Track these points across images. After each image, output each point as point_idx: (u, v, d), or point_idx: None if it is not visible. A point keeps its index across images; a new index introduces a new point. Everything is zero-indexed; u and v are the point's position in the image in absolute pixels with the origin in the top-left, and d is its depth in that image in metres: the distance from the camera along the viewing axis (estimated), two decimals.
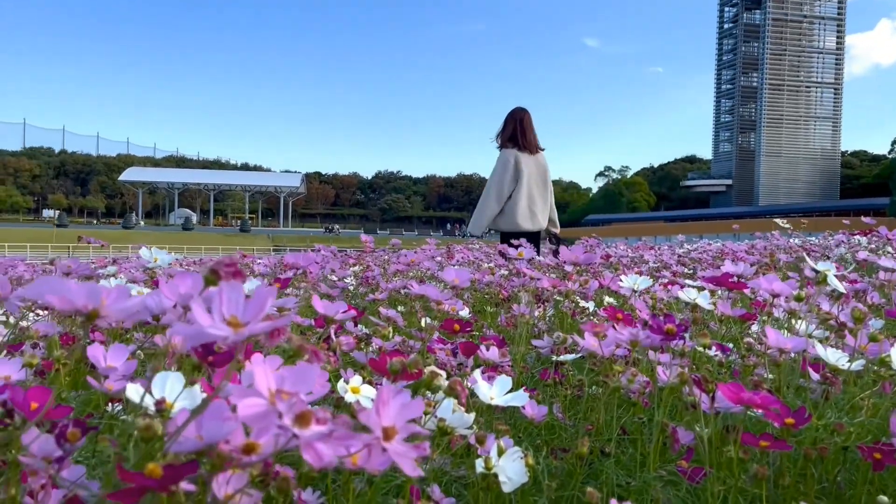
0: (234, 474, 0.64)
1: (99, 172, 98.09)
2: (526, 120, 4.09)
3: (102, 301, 0.51)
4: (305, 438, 0.49)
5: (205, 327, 0.50)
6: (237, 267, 0.57)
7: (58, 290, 0.49)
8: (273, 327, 0.53)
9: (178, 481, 0.50)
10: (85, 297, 0.50)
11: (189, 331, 0.51)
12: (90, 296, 0.50)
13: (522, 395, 0.89)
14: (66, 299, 0.49)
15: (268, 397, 0.53)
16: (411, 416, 0.57)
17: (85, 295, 0.49)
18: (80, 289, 0.49)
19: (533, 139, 4.05)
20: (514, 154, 3.95)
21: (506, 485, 0.80)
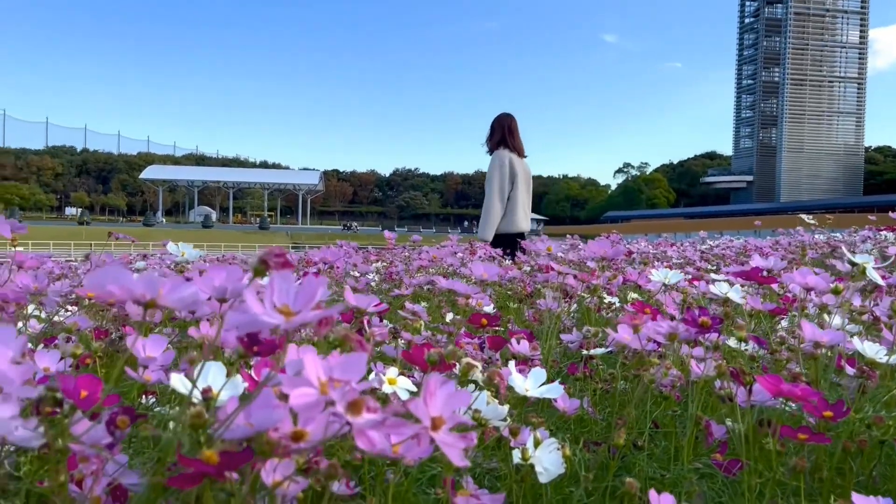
0: (282, 462, 0.65)
1: (120, 170, 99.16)
2: (513, 125, 4.14)
3: (160, 291, 0.52)
4: (359, 426, 0.50)
5: (259, 315, 0.51)
6: (286, 257, 0.58)
7: (118, 280, 0.50)
8: (323, 316, 0.54)
9: (235, 468, 0.52)
10: (143, 287, 0.51)
11: (243, 319, 0.53)
12: (148, 286, 0.51)
13: (557, 387, 0.89)
14: (126, 289, 0.51)
15: (318, 386, 0.54)
16: (458, 407, 0.58)
17: (144, 285, 0.51)
18: (140, 279, 0.51)
19: (520, 143, 4.10)
20: (508, 156, 4.00)
21: (542, 475, 0.80)
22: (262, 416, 0.55)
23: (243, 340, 0.71)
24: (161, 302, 0.53)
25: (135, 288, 0.51)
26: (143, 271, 1.59)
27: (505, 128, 4.09)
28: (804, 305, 1.21)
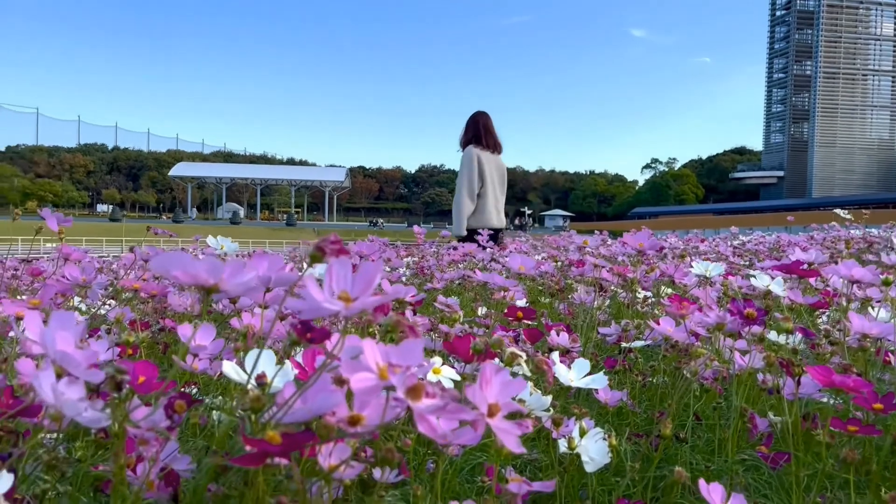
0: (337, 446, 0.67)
1: (150, 168, 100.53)
2: (487, 122, 4.20)
3: (222, 276, 0.53)
4: (420, 410, 0.51)
5: (321, 303, 0.52)
6: (342, 244, 0.59)
7: (183, 265, 0.51)
8: (382, 302, 0.55)
9: (297, 449, 0.53)
10: (207, 271, 0.52)
11: (305, 306, 0.54)
12: (212, 271, 0.52)
13: (601, 377, 0.90)
14: (190, 273, 0.52)
15: (377, 371, 0.55)
16: (513, 394, 0.58)
17: (207, 270, 0.52)
18: (203, 264, 0.52)
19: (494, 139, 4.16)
20: (477, 152, 4.06)
21: (588, 464, 0.80)
22: (320, 401, 0.56)
23: (297, 328, 0.72)
24: (223, 286, 0.54)
25: (199, 272, 0.52)
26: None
27: (478, 125, 4.17)
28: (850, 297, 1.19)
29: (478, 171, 4.04)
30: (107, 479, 0.90)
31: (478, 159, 4.03)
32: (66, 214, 1.52)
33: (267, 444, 0.51)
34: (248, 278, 0.54)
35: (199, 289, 0.54)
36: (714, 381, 1.11)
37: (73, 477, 0.87)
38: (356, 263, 1.52)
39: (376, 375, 0.54)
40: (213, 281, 0.53)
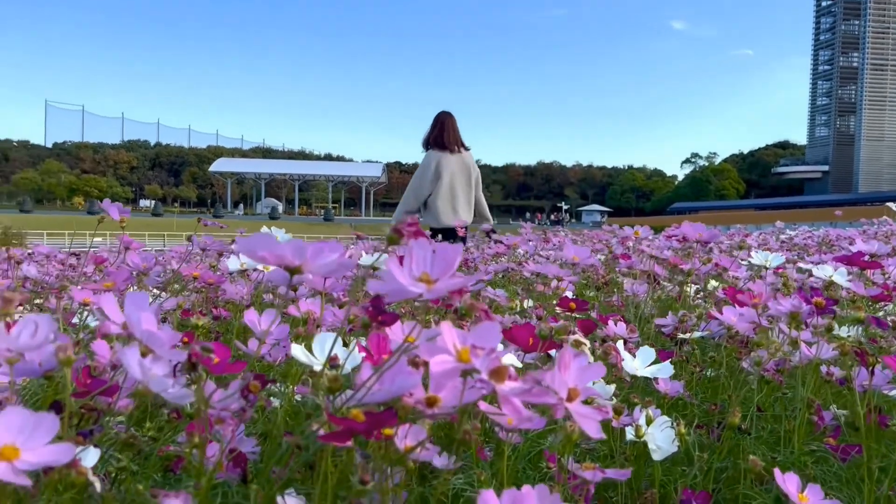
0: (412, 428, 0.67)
1: (190, 163, 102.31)
2: (449, 122, 4.33)
3: (306, 258, 0.54)
4: (504, 392, 0.51)
5: (405, 285, 0.52)
6: (419, 226, 0.59)
7: (269, 247, 0.52)
8: (462, 285, 0.55)
9: (381, 428, 0.53)
10: (292, 253, 0.53)
11: (389, 288, 0.54)
12: (296, 252, 0.53)
13: (667, 366, 0.89)
14: (276, 254, 0.53)
15: (455, 354, 0.56)
16: (592, 379, 0.58)
17: (292, 251, 0.53)
18: (289, 246, 0.53)
19: (455, 140, 4.29)
20: (436, 156, 4.21)
21: (655, 453, 0.80)
22: (399, 382, 0.57)
23: (369, 311, 0.73)
24: (306, 267, 0.55)
25: (284, 253, 0.53)
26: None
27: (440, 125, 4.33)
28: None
29: (433, 175, 4.21)
30: (177, 459, 0.92)
31: (435, 164, 4.19)
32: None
33: (353, 422, 0.52)
34: (329, 260, 0.55)
35: (285, 269, 0.55)
36: (776, 373, 1.09)
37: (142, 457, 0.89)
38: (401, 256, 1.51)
39: (455, 358, 0.55)
40: (297, 262, 0.54)
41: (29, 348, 0.53)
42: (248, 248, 0.52)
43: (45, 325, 0.54)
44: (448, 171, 4.21)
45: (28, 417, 0.51)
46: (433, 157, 4.21)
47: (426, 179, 4.20)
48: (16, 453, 0.49)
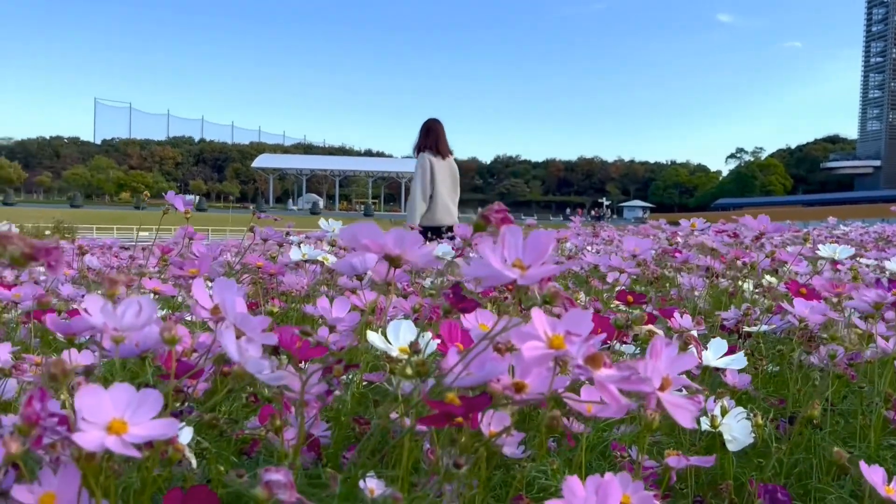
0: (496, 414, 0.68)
1: (233, 159, 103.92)
2: (437, 129, 4.60)
3: (406, 247, 0.55)
4: (601, 379, 0.51)
5: (501, 270, 0.53)
6: (506, 213, 0.60)
7: (372, 235, 0.53)
8: (556, 272, 0.55)
9: (476, 411, 0.54)
10: (394, 242, 0.54)
11: (483, 273, 0.55)
12: (398, 242, 0.54)
13: (741, 357, 0.88)
14: (379, 243, 0.54)
15: (546, 340, 0.56)
16: (682, 369, 0.58)
17: (394, 240, 0.54)
18: (391, 235, 0.54)
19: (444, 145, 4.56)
20: (429, 159, 4.47)
21: (731, 444, 0.79)
22: (488, 368, 0.58)
23: (450, 298, 0.74)
24: (406, 256, 0.56)
25: (387, 242, 0.54)
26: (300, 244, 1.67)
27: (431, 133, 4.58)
28: None
29: (430, 176, 4.46)
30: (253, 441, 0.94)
31: (431, 165, 4.44)
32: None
33: (450, 405, 0.52)
34: (427, 250, 0.56)
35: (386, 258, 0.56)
36: (848, 367, 1.07)
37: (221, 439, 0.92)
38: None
39: (546, 344, 0.55)
40: (398, 251, 0.55)
41: (133, 328, 0.55)
42: (352, 237, 0.54)
43: (148, 305, 0.56)
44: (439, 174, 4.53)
45: (133, 393, 0.53)
46: (426, 159, 4.50)
47: (426, 180, 4.49)
48: (124, 427, 0.51)
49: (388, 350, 0.78)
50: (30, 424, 0.50)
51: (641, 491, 0.63)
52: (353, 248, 0.56)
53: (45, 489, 0.50)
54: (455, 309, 0.71)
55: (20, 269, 0.75)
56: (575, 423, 0.88)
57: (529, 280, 0.54)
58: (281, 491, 0.49)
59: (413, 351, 0.74)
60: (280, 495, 0.49)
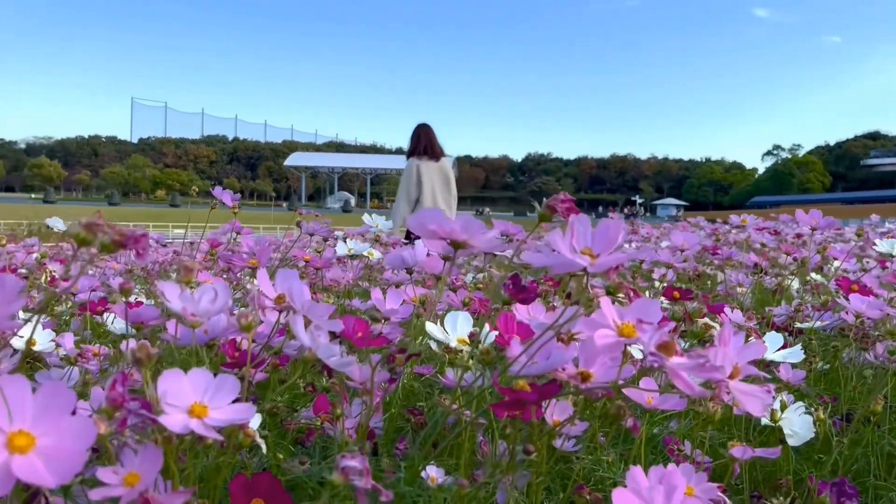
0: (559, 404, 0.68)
1: (266, 158, 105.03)
2: (427, 133, 4.80)
3: (472, 233, 0.56)
4: (673, 366, 0.51)
5: (572, 257, 0.53)
6: (573, 202, 0.60)
7: (439, 221, 0.54)
8: (624, 260, 0.55)
9: (549, 397, 0.54)
10: (461, 228, 0.54)
11: (552, 261, 0.55)
12: (465, 227, 0.54)
13: (797, 350, 0.87)
14: (446, 229, 0.55)
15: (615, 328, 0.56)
16: (752, 357, 0.58)
17: (461, 226, 0.54)
18: (458, 221, 0.54)
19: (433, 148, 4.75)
20: (416, 164, 4.68)
21: (791, 438, 0.78)
22: (555, 356, 0.58)
23: (509, 288, 0.74)
24: (471, 242, 0.56)
25: (454, 227, 0.54)
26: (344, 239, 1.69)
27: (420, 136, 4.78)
28: None
29: (416, 181, 4.67)
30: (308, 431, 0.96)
31: (416, 170, 4.65)
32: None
33: (523, 392, 0.53)
34: (491, 236, 0.57)
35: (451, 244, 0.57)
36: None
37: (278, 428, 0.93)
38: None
39: (616, 332, 0.55)
40: (464, 236, 0.55)
41: (209, 313, 0.56)
42: (419, 223, 0.54)
43: (224, 292, 0.57)
44: (428, 177, 4.70)
45: (211, 378, 0.55)
46: (413, 164, 4.70)
47: (411, 185, 4.69)
48: (205, 411, 0.53)
49: (447, 341, 0.78)
50: (114, 407, 0.52)
51: (705, 482, 0.63)
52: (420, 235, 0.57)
53: (129, 469, 0.51)
54: (514, 300, 0.72)
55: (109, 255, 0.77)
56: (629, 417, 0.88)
57: (599, 268, 0.55)
58: (357, 477, 0.50)
59: (473, 341, 0.74)
60: (356, 481, 0.50)
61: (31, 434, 0.44)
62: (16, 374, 0.44)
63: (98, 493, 0.49)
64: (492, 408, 0.55)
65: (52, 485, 0.43)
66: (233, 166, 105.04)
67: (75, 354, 0.93)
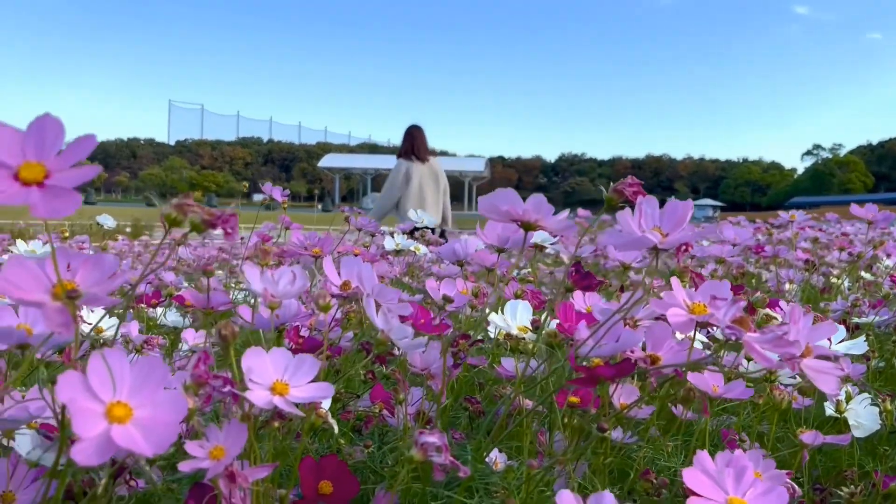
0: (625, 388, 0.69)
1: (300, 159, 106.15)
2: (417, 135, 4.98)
3: (542, 214, 0.56)
4: (751, 340, 0.51)
5: (643, 235, 0.54)
6: (639, 186, 0.60)
7: (511, 202, 0.55)
8: (692, 238, 0.56)
9: (624, 375, 0.55)
10: (533, 208, 0.55)
11: (622, 240, 0.56)
12: (537, 208, 0.55)
13: (861, 342, 0.86)
14: (518, 210, 0.55)
15: (687, 308, 0.56)
16: (821, 338, 0.57)
17: (533, 206, 0.55)
18: (530, 202, 0.55)
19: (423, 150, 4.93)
20: (405, 164, 4.86)
21: (857, 429, 0.78)
22: (625, 338, 0.59)
23: (573, 276, 0.75)
24: (542, 223, 0.57)
25: (527, 208, 0.55)
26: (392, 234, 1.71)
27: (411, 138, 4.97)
28: None
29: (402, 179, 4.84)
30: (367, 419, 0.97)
31: (405, 170, 4.82)
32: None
33: (599, 369, 0.53)
34: (561, 217, 0.57)
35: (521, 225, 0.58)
36: None
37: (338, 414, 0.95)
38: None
39: (687, 311, 0.56)
40: (535, 217, 0.56)
41: (288, 295, 0.57)
42: (491, 205, 0.55)
43: (301, 275, 0.58)
44: (417, 176, 4.87)
45: (290, 358, 0.56)
46: (403, 164, 4.87)
47: (396, 183, 4.86)
48: (286, 388, 0.54)
49: (509, 328, 0.79)
50: (199, 384, 0.53)
51: (773, 469, 0.63)
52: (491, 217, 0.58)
53: (214, 443, 0.53)
54: (577, 287, 0.72)
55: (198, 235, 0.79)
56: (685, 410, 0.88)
57: (669, 244, 0.55)
58: (435, 453, 0.51)
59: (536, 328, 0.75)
60: (434, 457, 0.51)
61: (129, 405, 0.46)
62: (115, 348, 0.46)
63: (187, 465, 0.50)
64: (570, 383, 0.55)
65: (150, 454, 0.44)
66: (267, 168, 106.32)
67: (141, 342, 0.96)
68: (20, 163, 0.36)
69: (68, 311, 0.42)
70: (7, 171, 0.36)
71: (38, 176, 0.36)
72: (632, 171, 19.74)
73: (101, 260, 0.47)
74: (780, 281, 1.72)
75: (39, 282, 0.43)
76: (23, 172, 0.36)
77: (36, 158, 0.37)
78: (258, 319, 0.68)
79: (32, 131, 0.37)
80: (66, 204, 0.35)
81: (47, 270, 0.45)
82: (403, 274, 2.08)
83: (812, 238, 1.58)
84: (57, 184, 0.36)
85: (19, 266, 0.42)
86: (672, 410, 0.92)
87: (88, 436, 0.42)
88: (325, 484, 0.67)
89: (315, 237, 1.55)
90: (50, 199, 0.36)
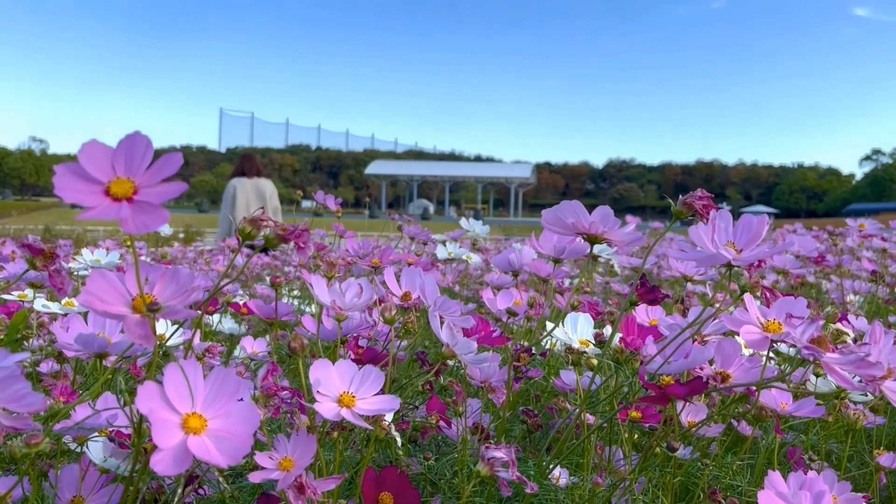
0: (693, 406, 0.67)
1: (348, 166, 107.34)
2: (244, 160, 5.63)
3: (609, 226, 0.56)
4: (828, 361, 0.50)
5: (717, 251, 0.53)
6: (710, 199, 0.59)
7: (576, 214, 0.54)
8: (767, 255, 0.54)
9: (698, 393, 0.54)
10: (599, 220, 0.55)
11: (696, 255, 0.55)
12: (603, 220, 0.54)
13: None
14: (584, 221, 0.55)
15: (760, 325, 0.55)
16: None
17: (599, 218, 0.54)
18: (596, 214, 0.55)
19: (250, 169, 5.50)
20: (233, 183, 5.42)
21: None
22: (695, 355, 0.57)
23: (640, 290, 0.74)
24: (608, 236, 0.56)
25: (593, 220, 0.55)
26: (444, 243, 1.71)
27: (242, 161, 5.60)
28: None
29: (231, 198, 5.35)
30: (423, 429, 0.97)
31: (232, 189, 5.37)
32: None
33: (671, 387, 0.52)
34: (628, 230, 0.56)
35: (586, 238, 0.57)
36: None
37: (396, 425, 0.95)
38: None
39: (761, 328, 0.54)
40: (602, 229, 0.55)
41: (355, 308, 0.58)
42: (555, 217, 0.55)
43: (368, 287, 0.59)
44: (243, 193, 5.38)
45: (356, 370, 0.56)
46: (231, 184, 5.42)
47: (227, 202, 5.40)
48: (353, 401, 0.54)
49: (570, 342, 0.78)
50: (268, 395, 0.54)
51: (849, 491, 0.61)
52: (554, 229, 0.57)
53: (283, 454, 0.53)
54: (642, 300, 0.71)
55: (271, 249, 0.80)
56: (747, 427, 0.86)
57: (744, 261, 0.54)
58: (502, 469, 0.50)
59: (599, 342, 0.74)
60: (501, 473, 0.51)
61: (203, 416, 0.47)
62: (191, 360, 0.47)
63: (258, 476, 0.51)
64: (641, 400, 0.54)
65: (224, 465, 0.45)
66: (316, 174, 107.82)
67: (203, 350, 0.98)
68: (111, 179, 0.38)
69: (148, 324, 0.43)
70: (98, 186, 0.37)
71: (128, 192, 0.37)
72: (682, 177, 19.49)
73: (177, 273, 0.48)
74: (843, 292, 1.66)
75: (120, 294, 0.44)
76: (113, 188, 0.37)
77: (125, 174, 0.38)
78: (323, 331, 0.69)
79: (122, 148, 0.38)
80: (154, 219, 0.36)
81: (127, 283, 0.46)
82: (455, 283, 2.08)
83: (881, 249, 1.52)
84: (145, 199, 0.37)
85: (103, 279, 0.44)
86: (735, 427, 0.90)
87: (167, 446, 0.42)
88: (386, 496, 0.67)
89: (369, 245, 1.57)
90: (138, 214, 0.37)
